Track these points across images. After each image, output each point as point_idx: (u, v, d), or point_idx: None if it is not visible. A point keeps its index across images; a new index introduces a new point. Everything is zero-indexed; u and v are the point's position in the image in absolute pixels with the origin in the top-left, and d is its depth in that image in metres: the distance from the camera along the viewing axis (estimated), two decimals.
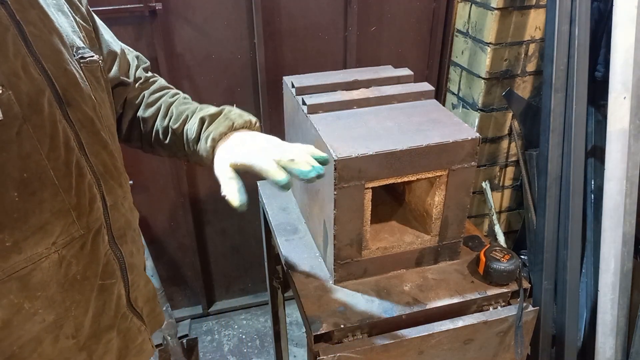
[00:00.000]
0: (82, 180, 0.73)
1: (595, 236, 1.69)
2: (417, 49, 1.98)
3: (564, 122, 1.54)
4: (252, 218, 2.13)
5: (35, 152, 0.66)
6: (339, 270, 1.06)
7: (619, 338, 1.63)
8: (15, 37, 0.65)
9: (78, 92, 0.73)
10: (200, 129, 0.89)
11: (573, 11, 1.47)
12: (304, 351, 2.15)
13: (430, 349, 1.02)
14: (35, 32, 0.68)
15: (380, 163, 0.96)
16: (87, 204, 0.74)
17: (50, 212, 0.69)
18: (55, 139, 0.69)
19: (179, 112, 0.93)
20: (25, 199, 0.66)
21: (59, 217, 0.70)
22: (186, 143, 0.92)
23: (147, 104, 0.96)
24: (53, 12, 0.74)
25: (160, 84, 1.00)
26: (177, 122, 0.92)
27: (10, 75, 0.63)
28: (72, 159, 0.71)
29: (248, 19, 1.75)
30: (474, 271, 1.11)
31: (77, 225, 0.73)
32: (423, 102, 1.16)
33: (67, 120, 0.71)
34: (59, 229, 0.70)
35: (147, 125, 0.96)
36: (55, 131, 0.69)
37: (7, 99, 0.63)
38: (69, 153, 0.71)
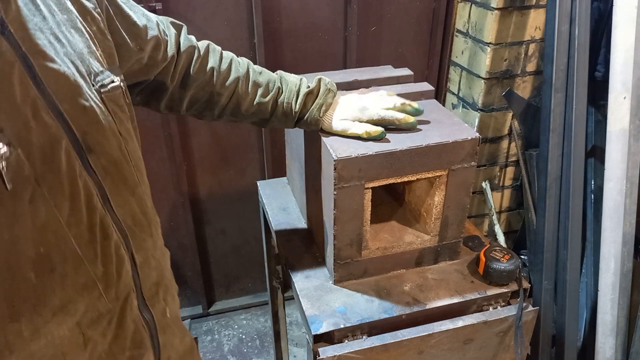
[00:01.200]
0: (108, 244, 0.63)
1: (595, 236, 1.69)
2: (417, 49, 1.98)
3: (564, 122, 1.54)
4: (252, 218, 2.14)
5: (53, 221, 0.56)
6: (339, 270, 1.06)
7: (619, 338, 1.63)
8: (23, 75, 0.54)
9: (100, 132, 0.63)
10: (307, 102, 1.01)
11: (573, 11, 1.47)
12: (304, 351, 2.15)
13: (430, 349, 1.02)
14: (45, 64, 0.57)
15: (380, 163, 0.96)
16: (114, 271, 0.64)
17: (73, 289, 0.59)
18: (75, 200, 0.59)
19: (265, 86, 1.00)
20: (44, 278, 0.56)
21: (82, 293, 0.61)
22: (280, 112, 1.01)
23: (220, 78, 0.96)
24: (65, 32, 0.62)
25: (215, 49, 1.00)
26: (267, 97, 0.99)
27: (19, 129, 0.53)
28: (95, 220, 0.61)
29: (248, 19, 1.75)
30: (474, 271, 1.11)
31: (105, 298, 0.63)
32: (423, 102, 1.15)
33: (89, 170, 0.61)
34: (84, 307, 0.61)
35: (221, 97, 0.97)
36: (76, 190, 0.59)
37: (16, 160, 0.52)
38: (92, 213, 0.61)
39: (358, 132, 0.97)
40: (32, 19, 0.57)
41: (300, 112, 1.01)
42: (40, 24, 0.58)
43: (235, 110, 1.00)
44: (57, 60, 0.59)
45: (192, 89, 0.96)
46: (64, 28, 0.62)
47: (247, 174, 2.06)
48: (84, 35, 0.65)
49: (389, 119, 0.99)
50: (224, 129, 1.93)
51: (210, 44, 0.99)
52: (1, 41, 0.52)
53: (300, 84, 1.02)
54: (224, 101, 0.98)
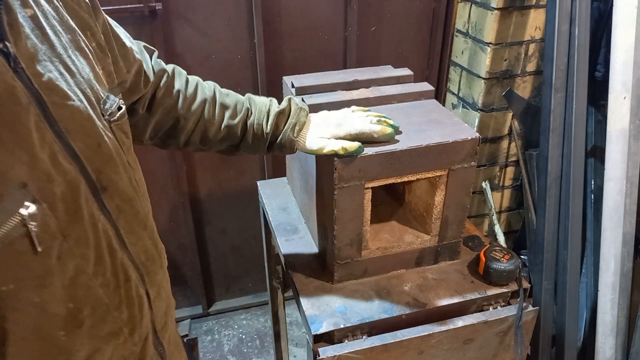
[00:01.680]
0: (129, 286, 0.61)
1: (595, 236, 1.69)
2: (417, 49, 1.98)
3: (564, 122, 1.54)
4: (252, 218, 2.14)
5: (80, 274, 0.53)
6: (339, 270, 1.06)
7: (619, 338, 1.63)
8: (38, 119, 0.49)
9: (113, 169, 0.59)
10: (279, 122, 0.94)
11: (573, 11, 1.47)
12: (304, 351, 2.15)
13: (430, 349, 1.02)
14: (58, 101, 0.52)
15: (380, 163, 0.96)
16: (137, 312, 0.62)
17: (100, 338, 0.57)
18: (99, 248, 0.55)
19: (233, 108, 0.93)
20: (73, 334, 0.53)
21: (109, 340, 0.58)
22: (250, 136, 0.94)
23: (186, 102, 0.90)
24: (72, 57, 0.57)
25: (180, 72, 0.94)
26: (236, 119, 0.93)
27: (41, 181, 0.48)
28: (117, 265, 0.59)
29: (248, 19, 1.75)
30: (474, 271, 1.11)
31: (130, 342, 0.62)
32: (423, 102, 1.15)
33: (104, 212, 0.57)
34: (109, 353, 0.59)
35: (187, 122, 0.90)
36: (98, 236, 0.55)
37: (42, 217, 0.48)
38: (114, 258, 0.58)
39: (334, 149, 0.91)
40: (41, 48, 0.52)
41: (273, 134, 0.94)
42: (48, 52, 0.53)
43: (203, 135, 0.93)
44: (70, 94, 0.54)
45: (158, 114, 0.88)
46: (70, 52, 0.57)
47: (247, 174, 2.06)
48: (87, 56, 0.61)
49: (367, 132, 0.94)
50: None
51: (176, 67, 0.93)
52: (15, 82, 0.47)
53: (270, 105, 0.96)
54: (190, 126, 0.91)
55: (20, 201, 0.46)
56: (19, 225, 0.46)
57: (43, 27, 0.53)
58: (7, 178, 0.45)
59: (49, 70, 0.52)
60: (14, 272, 0.47)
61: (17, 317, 0.48)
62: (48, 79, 0.51)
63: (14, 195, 0.45)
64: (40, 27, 0.53)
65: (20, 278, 0.47)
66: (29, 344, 0.50)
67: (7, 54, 0.47)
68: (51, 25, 0.55)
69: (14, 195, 0.46)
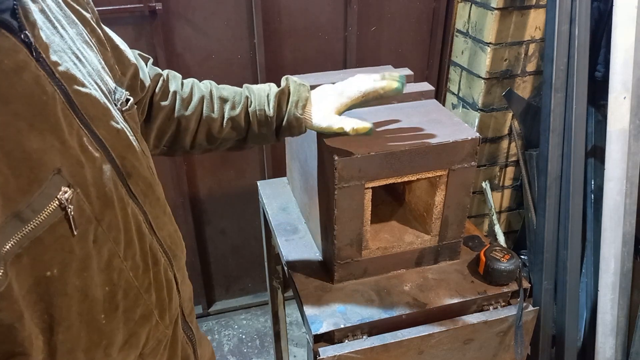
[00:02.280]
0: (158, 269, 0.62)
1: (595, 236, 1.69)
2: (417, 49, 1.98)
3: (564, 122, 1.54)
4: (252, 218, 2.14)
5: (114, 258, 0.54)
6: (339, 270, 1.06)
7: (619, 338, 1.63)
8: (64, 107, 0.50)
9: (133, 154, 0.61)
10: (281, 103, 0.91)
11: (573, 11, 1.47)
12: (304, 351, 2.15)
13: (430, 349, 1.02)
14: (78, 89, 0.53)
15: (380, 163, 0.96)
16: (166, 296, 0.64)
17: (134, 321, 0.58)
18: (129, 232, 0.57)
19: (232, 99, 0.91)
20: (110, 318, 0.55)
21: (143, 323, 0.60)
22: (255, 124, 0.91)
23: (184, 102, 0.89)
24: (80, 49, 0.58)
25: (175, 75, 0.93)
26: (237, 109, 0.90)
27: (74, 166, 0.50)
28: (146, 248, 0.60)
29: (248, 19, 1.75)
30: (474, 271, 1.11)
31: (162, 325, 0.63)
32: (423, 102, 1.15)
33: (132, 197, 0.59)
34: (144, 337, 0.60)
35: (189, 122, 0.89)
36: (127, 220, 0.57)
37: (77, 202, 0.49)
38: (143, 242, 0.60)
39: (345, 129, 0.88)
40: (54, 40, 0.53)
41: (277, 117, 0.92)
42: (61, 44, 0.54)
43: (208, 133, 0.91)
44: (86, 83, 0.55)
45: (158, 119, 0.88)
46: (78, 44, 0.58)
47: (247, 174, 2.06)
48: (92, 49, 0.62)
49: (371, 91, 0.91)
50: None
51: (171, 72, 0.92)
52: (39, 71, 0.48)
53: (269, 89, 0.94)
54: (193, 126, 0.90)
55: (58, 186, 0.47)
56: (58, 209, 0.47)
57: (52, 21, 0.55)
58: (44, 164, 0.46)
59: (65, 60, 0.53)
60: (57, 257, 0.48)
61: (64, 302, 0.49)
62: (66, 69, 0.52)
63: (52, 180, 0.47)
64: (50, 20, 0.54)
65: (63, 262, 0.48)
66: (75, 330, 0.51)
67: (28, 44, 0.48)
68: (57, 19, 0.56)
69: (52, 181, 0.47)
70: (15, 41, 0.47)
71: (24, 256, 0.45)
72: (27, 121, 0.46)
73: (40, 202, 0.46)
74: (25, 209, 0.45)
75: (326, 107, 0.91)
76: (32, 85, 0.47)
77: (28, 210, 0.45)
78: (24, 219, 0.44)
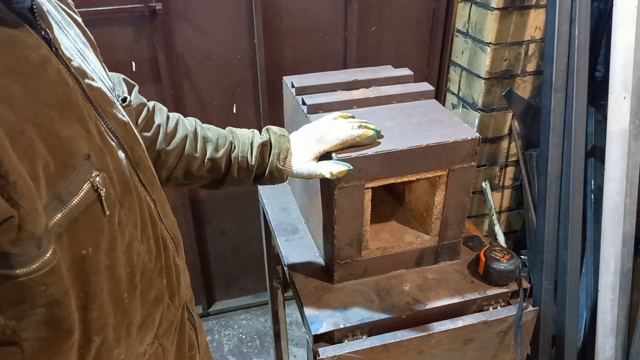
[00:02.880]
0: (167, 255, 0.66)
1: (595, 236, 1.69)
2: (417, 49, 1.98)
3: (564, 122, 1.54)
4: (252, 218, 2.14)
5: (134, 240, 0.58)
6: (339, 270, 1.06)
7: (619, 338, 1.63)
8: (83, 99, 0.53)
9: (139, 146, 0.64)
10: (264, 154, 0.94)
11: (573, 11, 1.47)
12: (304, 351, 2.15)
13: (430, 349, 1.02)
14: (90, 84, 0.56)
15: (380, 163, 0.96)
16: (174, 280, 0.67)
17: (149, 304, 0.61)
18: (144, 216, 0.60)
19: (216, 141, 0.92)
20: (132, 298, 0.58)
21: (157, 305, 0.63)
22: (235, 169, 0.93)
23: (167, 136, 0.89)
24: (81, 48, 0.61)
25: (161, 108, 0.94)
26: (219, 152, 0.92)
27: (98, 153, 0.53)
28: (158, 234, 0.63)
29: (248, 19, 1.75)
30: (474, 271, 1.11)
31: (172, 307, 0.66)
32: (423, 102, 1.15)
33: (142, 185, 0.62)
34: (159, 318, 0.63)
35: (169, 157, 0.89)
36: (142, 206, 0.60)
37: (105, 185, 0.53)
38: (155, 227, 0.63)
39: (324, 174, 0.91)
40: (63, 38, 0.56)
41: (259, 167, 0.94)
42: (67, 42, 0.57)
43: (186, 171, 0.92)
44: (95, 78, 0.58)
45: None
46: (79, 44, 0.61)
47: None
48: (90, 49, 0.65)
49: (348, 139, 0.93)
50: None
51: (157, 104, 0.93)
52: (59, 65, 0.51)
53: (253, 137, 0.96)
54: (172, 162, 0.90)
55: (90, 170, 0.51)
56: (91, 191, 0.50)
57: (57, 21, 0.58)
58: (76, 149, 0.50)
59: (74, 57, 0.56)
60: (91, 236, 0.51)
61: (97, 279, 0.52)
62: (78, 64, 0.56)
63: (84, 165, 0.50)
64: (55, 21, 0.57)
65: (96, 242, 0.52)
66: (106, 308, 0.54)
67: (48, 40, 0.51)
68: (59, 21, 0.59)
69: (84, 166, 0.50)
70: (37, 37, 0.50)
71: (64, 235, 0.48)
72: (57, 110, 0.49)
73: (76, 184, 0.49)
74: (64, 190, 0.48)
75: (305, 155, 0.94)
76: (56, 78, 0.50)
77: (66, 191, 0.48)
78: (63, 200, 0.48)
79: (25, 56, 0.47)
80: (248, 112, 1.91)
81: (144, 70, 1.73)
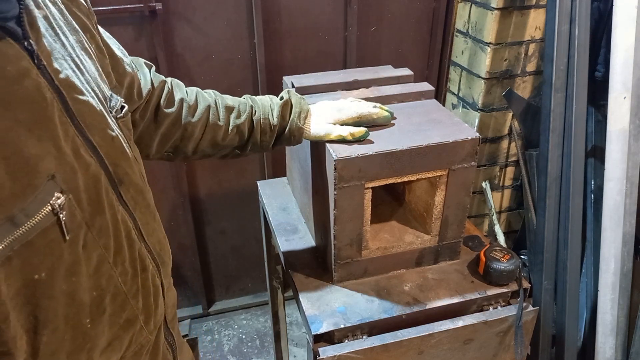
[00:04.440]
0: (146, 276, 0.63)
1: (595, 236, 1.69)
2: (417, 49, 1.98)
3: (564, 122, 1.54)
4: (252, 218, 2.14)
5: (103, 263, 0.55)
6: (339, 270, 1.06)
7: (619, 338, 1.63)
8: (61, 113, 0.51)
9: (126, 161, 0.62)
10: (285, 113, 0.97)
11: (573, 11, 1.47)
12: (304, 351, 2.15)
13: (430, 349, 1.02)
14: (76, 97, 0.54)
15: (380, 163, 0.96)
16: (152, 302, 0.65)
17: (119, 326, 0.59)
18: (118, 238, 0.58)
19: (237, 108, 0.95)
20: (96, 322, 0.55)
21: (127, 328, 0.60)
22: (258, 132, 0.96)
23: (190, 109, 0.91)
24: (80, 56, 0.59)
25: (179, 83, 0.95)
26: (242, 117, 0.95)
27: (67, 173, 0.50)
28: (135, 255, 0.61)
29: (248, 19, 1.75)
30: (474, 271, 1.11)
31: (145, 330, 0.64)
32: (423, 102, 1.16)
33: (122, 203, 0.60)
34: (127, 341, 0.61)
35: (195, 129, 0.91)
36: (117, 227, 0.58)
37: (69, 207, 0.50)
38: (132, 248, 0.60)
39: (343, 134, 0.95)
40: (56, 47, 0.54)
41: (280, 126, 0.97)
42: (61, 51, 0.55)
43: (212, 140, 0.94)
44: (84, 91, 0.56)
45: (164, 125, 0.89)
46: (78, 52, 0.59)
47: (247, 174, 2.06)
48: (92, 57, 0.63)
49: (366, 114, 0.99)
50: None
51: (174, 80, 0.95)
52: (39, 79, 0.49)
53: (271, 99, 0.99)
54: (198, 133, 0.92)
55: (51, 192, 0.48)
56: (50, 214, 0.48)
57: (54, 28, 0.55)
58: (40, 170, 0.47)
59: (65, 68, 0.54)
60: (47, 261, 0.49)
61: (50, 304, 0.50)
62: (65, 76, 0.53)
63: (46, 186, 0.48)
64: (52, 28, 0.55)
65: (52, 267, 0.49)
66: (60, 333, 0.52)
67: (31, 51, 0.49)
68: (59, 26, 0.57)
69: (46, 186, 0.48)
70: (19, 48, 0.48)
71: (14, 259, 0.46)
72: (27, 127, 0.47)
73: (34, 207, 0.47)
74: (19, 213, 0.45)
75: (325, 118, 0.99)
76: (33, 92, 0.48)
77: (21, 214, 0.46)
78: (16, 222, 0.45)
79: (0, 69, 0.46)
80: None
81: None
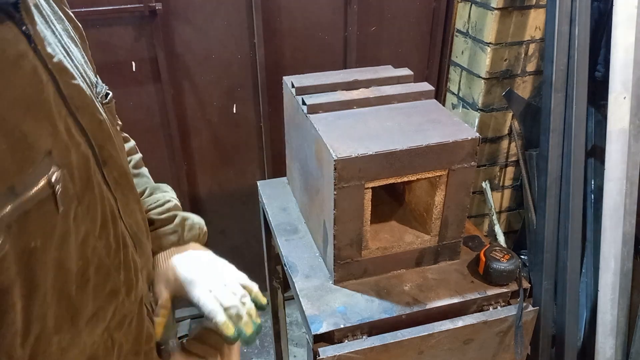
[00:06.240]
0: (127, 252, 0.67)
1: (595, 236, 1.69)
2: (417, 49, 1.98)
3: (564, 122, 1.54)
4: (252, 218, 2.13)
5: (90, 236, 0.59)
6: (339, 270, 1.06)
7: (619, 338, 1.63)
8: (55, 96, 0.54)
9: (112, 145, 0.66)
10: None
11: (573, 11, 1.47)
12: (304, 351, 2.15)
13: (430, 349, 1.02)
14: (68, 81, 0.57)
15: (380, 163, 0.96)
16: (133, 276, 0.69)
17: (103, 297, 0.62)
18: (104, 214, 0.62)
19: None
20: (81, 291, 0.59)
21: (111, 299, 0.64)
22: None
23: None
24: (67, 44, 0.62)
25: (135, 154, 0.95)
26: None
27: (62, 150, 0.54)
28: (118, 231, 0.65)
29: (248, 19, 1.75)
30: (474, 271, 1.11)
31: (127, 301, 0.67)
32: (423, 102, 1.16)
33: (105, 184, 0.64)
34: (111, 312, 0.64)
35: None
36: (104, 203, 0.61)
37: (64, 181, 0.54)
38: (115, 224, 0.64)
39: None
40: (47, 33, 0.57)
41: None
42: (51, 37, 0.58)
43: None
44: (75, 75, 0.59)
45: None
46: (65, 39, 0.62)
47: (247, 174, 2.06)
48: (77, 45, 0.67)
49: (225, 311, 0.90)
50: (223, 129, 1.93)
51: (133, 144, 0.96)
52: (36, 62, 0.52)
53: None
54: None
55: (48, 166, 0.52)
56: (47, 187, 0.51)
57: (44, 16, 0.59)
58: (38, 146, 0.51)
59: (57, 53, 0.57)
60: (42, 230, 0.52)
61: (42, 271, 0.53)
62: (58, 60, 0.57)
63: (43, 161, 0.51)
64: (42, 15, 0.58)
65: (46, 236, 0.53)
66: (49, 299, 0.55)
67: (28, 35, 0.52)
68: (47, 15, 0.60)
69: (44, 161, 0.51)
70: (18, 32, 0.51)
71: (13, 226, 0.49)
72: (25, 106, 0.50)
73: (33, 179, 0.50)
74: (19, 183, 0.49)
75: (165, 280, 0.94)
76: (31, 74, 0.51)
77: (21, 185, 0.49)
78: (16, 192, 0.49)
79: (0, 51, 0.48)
80: (248, 112, 1.91)
81: (144, 70, 1.73)
